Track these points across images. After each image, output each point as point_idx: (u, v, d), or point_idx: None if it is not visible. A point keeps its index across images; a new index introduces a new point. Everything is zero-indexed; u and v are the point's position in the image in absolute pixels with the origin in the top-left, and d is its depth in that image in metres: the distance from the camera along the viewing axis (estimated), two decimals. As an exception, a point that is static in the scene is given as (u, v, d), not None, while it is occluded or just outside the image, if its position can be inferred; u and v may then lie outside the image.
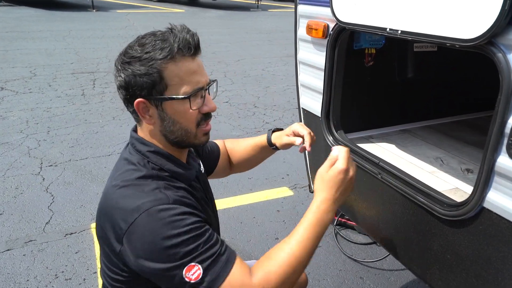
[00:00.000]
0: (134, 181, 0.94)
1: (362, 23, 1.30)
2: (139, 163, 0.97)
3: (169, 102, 0.94)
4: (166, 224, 0.86)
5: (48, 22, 9.72)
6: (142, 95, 0.93)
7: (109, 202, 0.94)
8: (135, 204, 0.88)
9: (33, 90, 4.94)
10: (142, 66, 0.91)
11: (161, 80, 0.92)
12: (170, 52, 0.90)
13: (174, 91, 0.93)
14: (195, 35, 0.94)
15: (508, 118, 0.92)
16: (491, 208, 1.01)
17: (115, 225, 0.91)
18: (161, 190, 0.92)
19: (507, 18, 0.87)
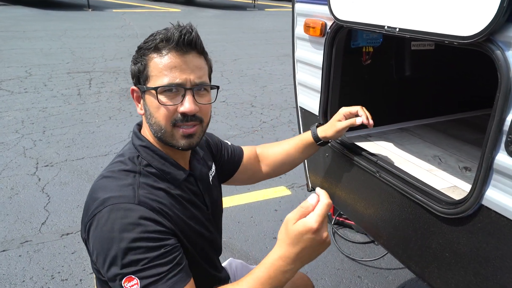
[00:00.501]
0: (116, 173, 0.95)
1: (360, 21, 1.29)
2: (129, 157, 0.98)
3: (147, 93, 0.96)
4: (121, 225, 0.85)
5: (44, 22, 9.66)
6: (134, 82, 0.99)
7: (91, 189, 0.96)
8: (103, 196, 0.89)
9: (29, 90, 4.91)
10: (136, 54, 0.97)
11: (145, 69, 0.95)
12: (153, 43, 0.93)
13: (153, 83, 0.94)
14: (191, 33, 0.93)
15: (506, 115, 0.92)
16: (490, 206, 1.01)
17: (86, 213, 0.92)
18: (134, 187, 0.91)
19: (505, 15, 0.86)
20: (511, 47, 0.89)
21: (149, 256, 0.84)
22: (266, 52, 7.57)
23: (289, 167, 1.43)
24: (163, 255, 0.85)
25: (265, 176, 1.42)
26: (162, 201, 0.93)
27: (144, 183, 0.94)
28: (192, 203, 1.04)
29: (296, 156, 1.40)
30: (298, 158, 1.41)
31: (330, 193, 1.75)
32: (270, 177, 1.44)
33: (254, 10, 14.87)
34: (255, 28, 10.35)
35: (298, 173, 3.20)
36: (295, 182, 3.07)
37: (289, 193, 2.94)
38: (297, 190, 2.96)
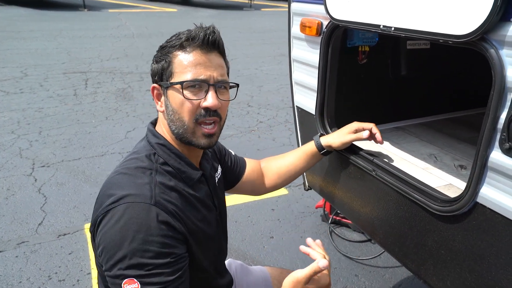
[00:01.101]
0: (133, 170, 0.95)
1: (355, 20, 1.30)
2: (145, 155, 0.99)
3: (170, 89, 0.97)
4: (136, 225, 0.85)
5: (39, 22, 9.62)
6: (155, 81, 1.00)
7: (105, 185, 0.96)
8: (120, 193, 0.89)
9: (24, 90, 4.89)
10: (159, 53, 0.99)
11: (169, 66, 0.97)
12: (179, 41, 0.96)
13: (177, 79, 0.96)
14: (214, 34, 0.97)
15: (500, 113, 0.93)
16: (484, 203, 1.02)
17: (99, 207, 0.92)
18: (151, 186, 0.92)
19: (499, 14, 0.87)
20: (504, 46, 0.90)
21: (155, 263, 0.84)
22: (263, 52, 7.58)
23: (293, 178, 1.46)
24: (169, 264, 0.86)
25: (270, 189, 1.44)
26: (176, 202, 0.94)
27: (160, 183, 0.94)
28: (203, 203, 1.05)
29: (300, 168, 1.43)
30: (301, 169, 1.44)
31: (327, 192, 1.76)
32: (274, 189, 1.46)
33: (251, 10, 14.88)
34: (251, 28, 10.36)
35: (295, 172, 3.21)
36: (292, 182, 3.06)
37: (286, 192, 2.94)
38: (294, 190, 2.97)
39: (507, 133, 0.92)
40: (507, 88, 0.90)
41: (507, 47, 0.89)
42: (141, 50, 7.18)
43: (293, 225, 2.57)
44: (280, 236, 2.46)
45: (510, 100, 0.90)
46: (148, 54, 6.84)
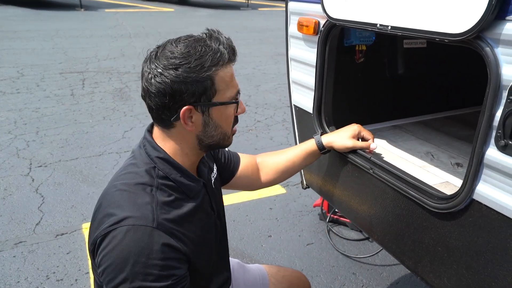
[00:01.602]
0: (132, 186, 0.93)
1: (352, 19, 1.31)
2: (145, 169, 0.96)
3: (216, 108, 0.95)
4: (138, 248, 0.84)
5: (35, 22, 9.59)
6: (191, 102, 0.91)
7: (104, 201, 0.94)
8: (121, 214, 0.88)
9: (21, 90, 4.87)
10: (193, 73, 0.89)
11: (212, 86, 0.92)
12: (222, 58, 0.92)
13: (222, 96, 0.94)
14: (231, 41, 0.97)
15: (496, 111, 0.94)
16: (481, 200, 1.02)
17: (98, 227, 0.90)
18: (152, 206, 0.90)
19: (494, 13, 0.88)
20: (500, 44, 0.91)
21: (157, 286, 0.84)
22: (260, 51, 7.58)
23: (289, 175, 1.46)
24: (170, 286, 0.86)
25: (265, 184, 1.43)
26: (178, 220, 0.93)
27: (162, 201, 0.92)
28: (203, 211, 1.04)
29: (297, 165, 1.43)
30: (299, 166, 1.44)
31: (325, 190, 1.77)
32: (270, 185, 1.45)
33: (248, 9, 14.88)
34: (248, 28, 10.36)
35: (292, 171, 3.22)
36: (290, 180, 3.07)
37: (284, 191, 2.95)
38: (292, 189, 2.98)
39: (502, 130, 0.93)
40: (502, 86, 0.91)
41: (502, 45, 0.90)
42: (138, 50, 7.17)
43: (291, 224, 2.58)
44: (278, 235, 2.47)
45: (505, 98, 0.91)
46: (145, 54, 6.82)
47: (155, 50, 0.94)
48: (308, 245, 2.39)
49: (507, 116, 0.91)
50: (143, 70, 0.94)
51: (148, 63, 0.92)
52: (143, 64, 0.95)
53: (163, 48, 0.92)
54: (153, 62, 0.91)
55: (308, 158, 1.43)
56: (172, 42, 0.93)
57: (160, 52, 0.91)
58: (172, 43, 0.93)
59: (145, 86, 0.92)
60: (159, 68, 0.89)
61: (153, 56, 0.92)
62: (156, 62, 0.90)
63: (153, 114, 0.96)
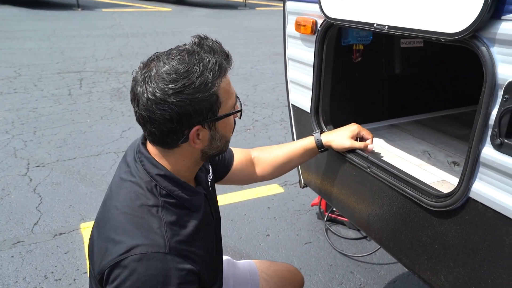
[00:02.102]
0: (137, 209, 0.88)
1: (349, 18, 1.32)
2: (147, 188, 0.91)
3: (222, 120, 0.92)
4: (151, 277, 0.82)
5: (32, 21, 9.56)
6: (199, 121, 0.87)
7: (107, 225, 0.90)
8: (130, 242, 0.84)
9: (18, 90, 4.86)
10: (198, 93, 0.83)
11: (217, 100, 0.88)
12: (223, 70, 0.88)
13: (225, 107, 0.92)
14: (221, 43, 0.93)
15: (492, 110, 0.94)
16: (477, 198, 1.03)
17: (105, 254, 0.86)
18: (161, 230, 0.86)
19: (489, 12, 0.89)
20: (495, 43, 0.92)
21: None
22: (258, 51, 7.59)
23: (285, 171, 1.45)
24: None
25: (260, 179, 1.42)
26: (186, 239, 0.90)
27: (169, 222, 0.89)
28: (205, 221, 1.02)
29: (294, 161, 1.42)
30: (296, 162, 1.44)
31: (323, 189, 1.78)
32: (265, 180, 1.44)
33: (245, 9, 14.87)
34: (246, 27, 10.36)
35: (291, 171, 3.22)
36: (288, 179, 3.09)
37: (282, 190, 2.96)
38: (290, 188, 2.99)
39: (498, 129, 0.93)
40: (497, 85, 0.92)
41: (498, 45, 0.91)
42: (135, 49, 7.16)
43: (289, 223, 2.58)
44: (276, 234, 2.48)
45: (501, 97, 0.92)
46: (143, 53, 6.83)
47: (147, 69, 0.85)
48: (306, 244, 2.40)
49: (503, 114, 0.92)
50: (135, 92, 0.86)
51: (142, 86, 0.84)
52: (134, 85, 0.87)
53: (156, 67, 0.84)
54: (148, 84, 0.83)
55: (306, 155, 1.43)
56: (163, 60, 0.85)
57: (154, 73, 0.83)
58: (164, 61, 0.84)
59: (145, 114, 0.85)
60: (158, 93, 0.82)
61: (147, 77, 0.84)
62: (153, 85, 0.83)
63: (155, 138, 0.91)
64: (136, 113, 0.88)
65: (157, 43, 7.71)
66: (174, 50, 0.87)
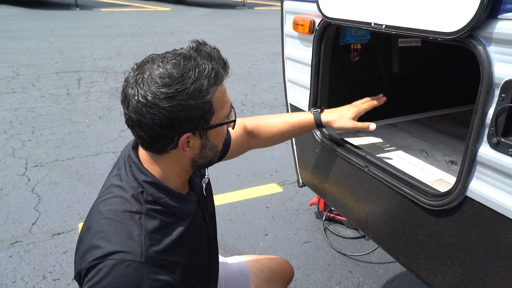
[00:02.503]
0: (120, 214, 0.88)
1: (347, 18, 1.32)
2: (132, 194, 0.90)
3: (214, 129, 0.90)
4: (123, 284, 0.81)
5: (31, 21, 9.54)
6: (190, 128, 0.85)
7: (91, 229, 0.89)
8: (107, 248, 0.83)
9: (16, 90, 4.85)
10: (192, 99, 0.81)
11: (210, 108, 0.85)
12: (220, 78, 0.86)
13: (218, 115, 0.89)
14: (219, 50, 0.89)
15: (488, 109, 0.95)
16: (474, 197, 1.04)
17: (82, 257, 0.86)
18: (141, 237, 0.85)
19: (486, 11, 0.89)
20: (492, 42, 0.92)
21: None
22: (256, 51, 7.59)
23: (280, 142, 1.46)
24: None
25: (253, 148, 1.42)
26: (168, 248, 0.89)
27: (151, 230, 0.87)
28: (195, 228, 1.00)
29: (290, 134, 1.43)
30: (291, 135, 1.45)
31: (320, 188, 1.78)
32: (255, 148, 1.44)
33: (244, 8, 14.87)
34: (245, 27, 10.35)
35: (289, 170, 3.23)
36: (287, 179, 3.09)
37: (281, 190, 2.96)
38: (288, 187, 2.99)
39: (495, 128, 0.94)
40: (494, 84, 0.93)
41: (495, 44, 0.92)
42: (134, 49, 7.15)
43: (287, 222, 2.59)
44: (275, 234, 2.48)
45: (497, 96, 0.92)
46: (141, 53, 6.82)
47: (140, 71, 0.83)
48: (304, 243, 2.40)
49: (499, 113, 0.92)
50: (126, 94, 0.84)
51: (133, 88, 0.82)
52: (125, 86, 0.84)
53: (150, 70, 0.82)
54: (140, 87, 0.81)
55: (303, 131, 1.45)
56: (158, 62, 0.82)
57: (147, 75, 0.81)
58: (158, 63, 0.82)
59: (134, 116, 0.83)
60: (149, 96, 0.80)
61: (139, 79, 0.82)
62: (145, 88, 0.80)
63: (143, 143, 0.89)
64: (125, 115, 0.86)
65: (156, 43, 7.71)
66: (170, 53, 0.85)
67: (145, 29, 9.22)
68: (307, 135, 1.68)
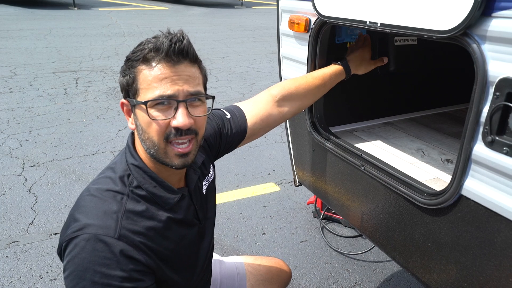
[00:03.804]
0: (103, 192, 0.91)
1: (342, 16, 1.31)
2: (119, 176, 0.93)
3: (137, 107, 0.89)
4: (97, 258, 0.83)
5: (28, 21, 9.51)
6: (123, 96, 0.94)
7: (77, 202, 0.93)
8: (84, 221, 0.86)
9: (14, 90, 4.84)
10: (125, 66, 0.91)
11: (134, 82, 0.89)
12: (142, 53, 0.88)
13: (142, 96, 0.88)
14: (182, 42, 0.87)
15: (483, 107, 0.95)
16: (469, 196, 1.04)
17: (65, 230, 0.89)
18: (118, 215, 0.88)
19: (480, 10, 0.89)
20: (486, 40, 0.92)
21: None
22: (254, 50, 7.58)
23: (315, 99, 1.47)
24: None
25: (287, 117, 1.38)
26: (145, 231, 0.90)
27: (130, 211, 0.89)
28: (182, 223, 1.00)
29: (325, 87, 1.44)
30: (325, 89, 1.45)
31: (317, 187, 1.78)
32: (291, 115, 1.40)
33: (242, 7, 14.84)
34: (243, 26, 10.34)
35: (286, 169, 3.22)
36: (284, 178, 3.09)
37: (278, 189, 2.96)
38: (286, 186, 2.99)
39: (489, 126, 0.94)
40: (489, 82, 0.92)
41: (489, 42, 0.91)
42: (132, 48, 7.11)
43: (285, 222, 2.58)
44: (272, 233, 2.48)
45: (492, 94, 0.92)
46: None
47: None
48: (302, 242, 2.40)
49: (494, 112, 0.92)
50: None
51: None
52: None
53: None
54: None
55: (335, 81, 1.46)
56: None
57: None
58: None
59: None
60: None
61: None
62: None
63: None
64: None
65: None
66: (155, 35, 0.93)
67: (143, 28, 9.20)
68: (304, 135, 1.68)
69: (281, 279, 1.47)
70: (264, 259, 1.51)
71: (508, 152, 0.91)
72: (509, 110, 0.90)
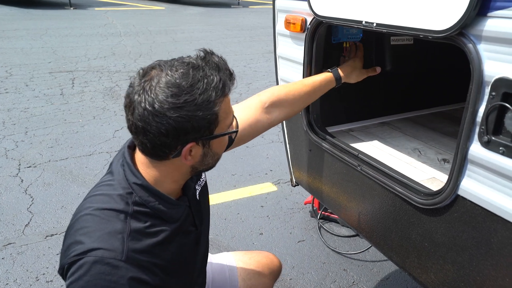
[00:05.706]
0: (105, 212, 0.88)
1: (338, 16, 1.31)
2: (120, 194, 0.90)
3: (217, 138, 0.89)
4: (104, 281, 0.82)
5: (24, 21, 9.46)
6: (194, 138, 0.85)
7: (75, 225, 0.89)
8: (89, 244, 0.84)
9: (9, 90, 4.81)
10: (200, 110, 0.81)
11: (216, 119, 0.85)
12: (227, 89, 0.86)
13: (222, 125, 0.88)
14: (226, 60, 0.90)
15: (479, 107, 0.95)
16: (465, 196, 1.04)
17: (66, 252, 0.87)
18: (123, 236, 0.85)
19: (476, 9, 0.89)
20: (482, 40, 0.92)
21: None
22: (251, 49, 7.57)
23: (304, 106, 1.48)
24: None
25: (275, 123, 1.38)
26: (152, 249, 0.89)
27: (135, 231, 0.87)
28: (182, 232, 1.00)
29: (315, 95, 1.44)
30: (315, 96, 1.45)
31: (314, 187, 1.77)
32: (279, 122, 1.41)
33: (239, 7, 14.83)
34: (239, 25, 10.33)
35: (283, 169, 3.22)
36: (281, 178, 3.09)
37: (275, 189, 2.95)
38: (283, 186, 2.98)
39: (485, 126, 0.94)
40: (484, 82, 0.92)
41: (485, 42, 0.91)
42: (128, 48, 7.12)
43: (282, 221, 2.58)
44: (270, 233, 2.47)
45: (488, 94, 0.92)
46: (136, 52, 6.79)
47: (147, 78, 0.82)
48: (299, 242, 2.40)
49: (490, 111, 0.92)
50: (132, 100, 0.82)
51: (140, 95, 0.81)
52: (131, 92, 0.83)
53: (158, 77, 0.81)
54: (147, 94, 0.80)
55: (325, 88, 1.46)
56: (166, 70, 0.81)
57: (155, 83, 0.80)
58: (166, 71, 0.81)
59: (140, 124, 0.81)
60: (157, 105, 0.79)
61: (146, 86, 0.80)
62: (152, 96, 0.79)
63: (145, 149, 0.88)
64: (129, 121, 0.85)
65: (150, 42, 7.67)
66: (178, 61, 0.84)
67: (139, 28, 9.17)
68: (300, 135, 1.68)
69: (271, 271, 1.46)
70: (253, 253, 1.50)
71: (504, 152, 0.91)
72: (505, 110, 0.90)
